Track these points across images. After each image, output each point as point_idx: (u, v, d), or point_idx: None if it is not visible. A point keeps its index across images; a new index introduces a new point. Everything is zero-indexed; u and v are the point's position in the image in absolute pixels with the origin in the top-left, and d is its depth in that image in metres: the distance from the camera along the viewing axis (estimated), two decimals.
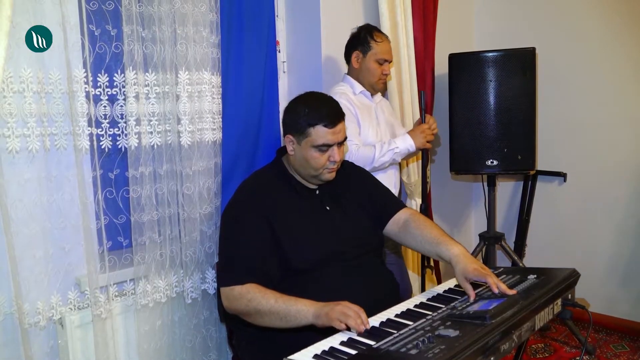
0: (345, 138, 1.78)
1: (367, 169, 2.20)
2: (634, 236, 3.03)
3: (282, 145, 2.02)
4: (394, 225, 1.90)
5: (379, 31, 2.38)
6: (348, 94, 2.31)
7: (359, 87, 2.37)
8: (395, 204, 1.96)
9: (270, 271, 1.69)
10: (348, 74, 2.42)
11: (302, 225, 1.75)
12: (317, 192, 1.84)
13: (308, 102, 1.76)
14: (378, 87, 2.41)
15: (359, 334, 1.40)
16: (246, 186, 1.84)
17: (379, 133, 2.39)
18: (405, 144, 2.30)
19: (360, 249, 1.82)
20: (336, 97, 2.03)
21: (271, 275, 1.69)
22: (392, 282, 1.90)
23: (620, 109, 3.02)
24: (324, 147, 1.71)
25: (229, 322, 2.02)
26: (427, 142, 2.37)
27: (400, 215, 1.90)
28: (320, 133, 1.70)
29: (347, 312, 1.43)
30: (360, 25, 2.40)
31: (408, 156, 2.47)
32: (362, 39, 2.34)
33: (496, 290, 1.56)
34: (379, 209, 1.92)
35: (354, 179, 1.96)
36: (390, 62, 2.39)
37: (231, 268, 1.69)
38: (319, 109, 1.71)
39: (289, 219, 1.74)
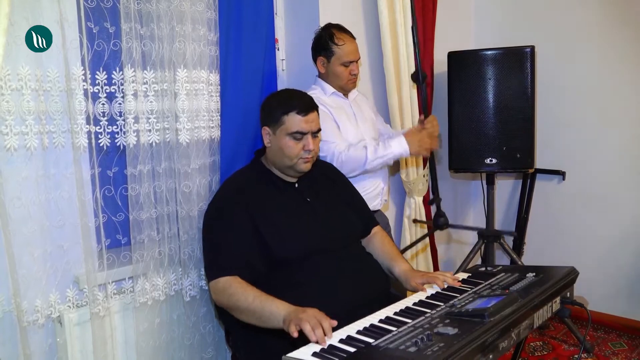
0: (319, 130, 1.85)
1: (358, 172, 2.21)
2: (632, 234, 3.04)
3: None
4: (365, 239, 2.05)
5: (341, 30, 2.29)
6: (320, 96, 2.26)
7: (330, 89, 2.33)
8: (372, 220, 2.10)
9: (256, 265, 1.71)
10: (319, 76, 2.38)
11: (283, 217, 1.79)
12: (297, 185, 1.89)
13: (281, 94, 1.92)
14: (348, 87, 2.36)
15: (358, 332, 1.40)
16: (227, 184, 1.89)
17: (359, 131, 2.35)
18: (401, 148, 2.18)
19: (343, 239, 1.86)
20: None
21: (257, 269, 1.71)
22: (379, 268, 1.93)
23: (619, 107, 3.02)
24: (298, 135, 1.78)
25: (225, 321, 2.03)
26: (426, 148, 2.24)
27: (373, 231, 2.06)
28: (294, 121, 1.78)
29: (305, 319, 1.38)
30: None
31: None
32: (324, 44, 2.27)
33: (443, 285, 1.73)
34: (361, 222, 2.01)
35: (334, 177, 2.05)
36: (357, 60, 2.32)
37: (217, 262, 1.72)
38: (291, 99, 1.83)
39: (271, 212, 1.78)
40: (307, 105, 1.80)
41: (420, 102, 2.38)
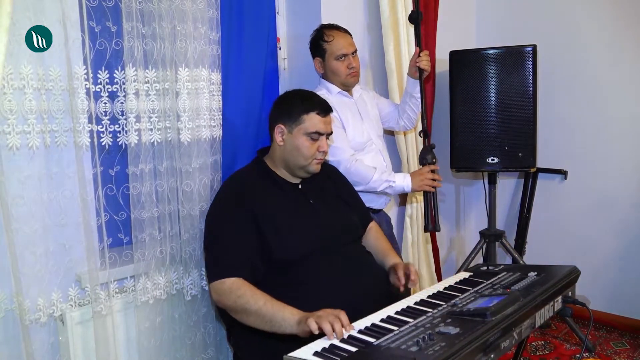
0: (332, 132, 1.88)
1: (360, 187, 2.23)
2: (634, 233, 3.03)
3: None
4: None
5: (331, 27, 2.32)
6: (326, 96, 2.23)
7: (335, 89, 2.35)
8: (368, 216, 2.13)
9: (257, 266, 1.71)
10: (322, 77, 2.40)
11: (286, 218, 1.78)
12: (300, 186, 1.89)
13: (300, 93, 1.89)
14: (349, 82, 2.36)
15: (359, 331, 1.40)
16: (228, 185, 1.89)
17: (365, 131, 2.37)
18: (403, 182, 2.30)
19: (345, 239, 1.87)
20: None
21: (258, 269, 1.71)
22: (379, 267, 1.94)
23: (620, 106, 3.02)
24: (315, 135, 1.80)
25: (226, 320, 2.03)
26: (427, 185, 2.31)
27: (368, 227, 2.09)
28: (313, 120, 1.80)
29: (324, 316, 1.40)
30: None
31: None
32: (316, 44, 2.31)
33: (403, 281, 1.80)
34: (360, 222, 2.03)
35: (335, 179, 2.06)
36: (351, 53, 2.32)
37: (221, 262, 1.72)
38: (312, 99, 1.84)
39: (273, 213, 1.77)
40: (326, 107, 1.84)
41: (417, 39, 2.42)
